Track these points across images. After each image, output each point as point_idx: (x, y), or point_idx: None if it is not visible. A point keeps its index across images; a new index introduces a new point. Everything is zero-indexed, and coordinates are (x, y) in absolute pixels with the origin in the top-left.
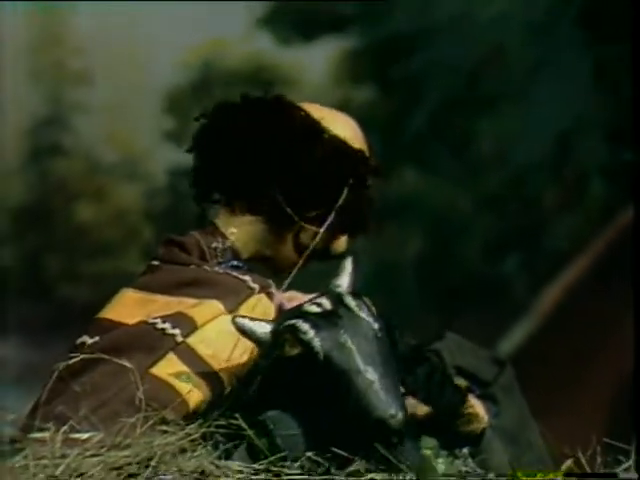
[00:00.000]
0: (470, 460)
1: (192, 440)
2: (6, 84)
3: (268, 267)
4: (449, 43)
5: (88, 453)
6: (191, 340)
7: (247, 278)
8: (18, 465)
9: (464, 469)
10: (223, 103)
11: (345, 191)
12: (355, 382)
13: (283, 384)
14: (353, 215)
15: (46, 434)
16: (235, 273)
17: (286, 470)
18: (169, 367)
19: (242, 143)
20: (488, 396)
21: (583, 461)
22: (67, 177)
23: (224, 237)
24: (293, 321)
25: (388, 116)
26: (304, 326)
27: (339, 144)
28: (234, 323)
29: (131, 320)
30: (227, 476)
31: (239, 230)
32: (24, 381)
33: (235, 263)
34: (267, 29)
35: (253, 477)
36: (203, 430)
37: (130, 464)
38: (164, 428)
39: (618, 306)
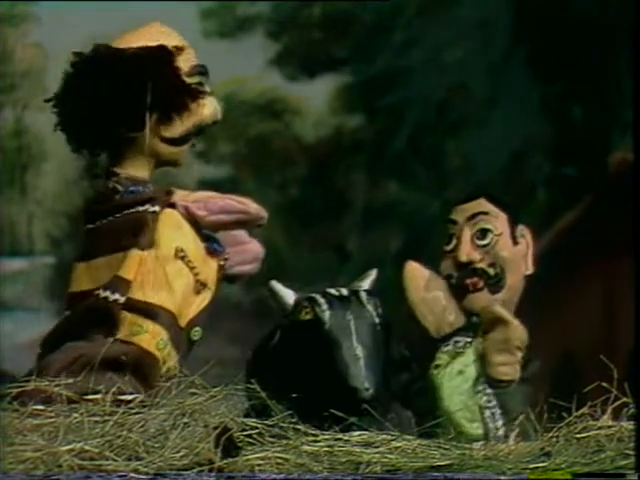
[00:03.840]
0: (492, 397)
1: (216, 400)
2: None
3: (166, 167)
4: (423, 80)
5: (132, 411)
6: (132, 294)
7: (147, 206)
8: (75, 421)
9: (481, 403)
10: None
11: (167, 82)
12: (345, 354)
13: (294, 342)
14: (186, 94)
15: (98, 396)
16: (138, 206)
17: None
18: (127, 327)
19: (82, 96)
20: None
21: (532, 417)
22: None
23: (114, 174)
24: (314, 295)
25: (374, 139)
26: (321, 300)
27: (139, 52)
28: (269, 285)
29: (80, 288)
30: (245, 430)
31: (121, 162)
32: None
33: (133, 189)
34: (278, 68)
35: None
36: (225, 392)
37: (166, 420)
38: (193, 391)
39: (559, 291)
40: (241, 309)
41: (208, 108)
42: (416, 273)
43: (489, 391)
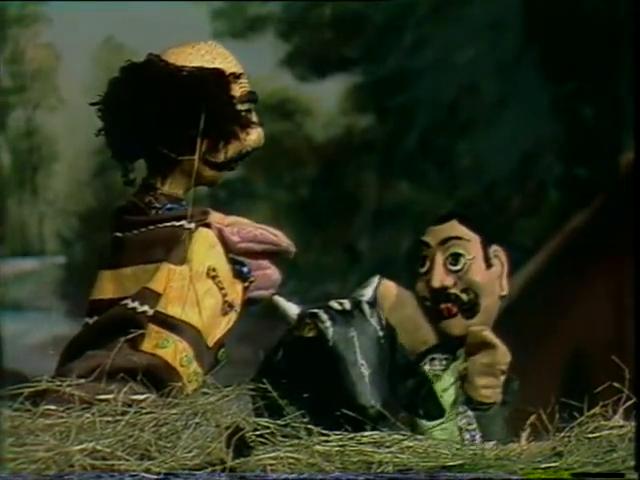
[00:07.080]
0: (473, 419)
1: (228, 400)
2: (79, 113)
3: (204, 186)
4: (434, 80)
5: (144, 411)
6: (160, 307)
7: (183, 222)
8: (87, 421)
9: (461, 424)
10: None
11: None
12: (350, 371)
13: (298, 358)
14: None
15: (110, 396)
16: (173, 221)
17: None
18: (153, 340)
19: (131, 107)
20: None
21: (544, 417)
22: (126, 188)
23: (152, 188)
24: (317, 310)
25: (385, 139)
26: (324, 316)
27: (196, 73)
28: (272, 300)
29: (105, 295)
30: (257, 430)
31: (161, 178)
32: None
33: (169, 206)
34: (289, 69)
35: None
36: (237, 392)
37: (177, 420)
38: (204, 390)
39: (569, 291)
40: (251, 309)
41: (253, 135)
42: (388, 292)
43: (470, 414)
